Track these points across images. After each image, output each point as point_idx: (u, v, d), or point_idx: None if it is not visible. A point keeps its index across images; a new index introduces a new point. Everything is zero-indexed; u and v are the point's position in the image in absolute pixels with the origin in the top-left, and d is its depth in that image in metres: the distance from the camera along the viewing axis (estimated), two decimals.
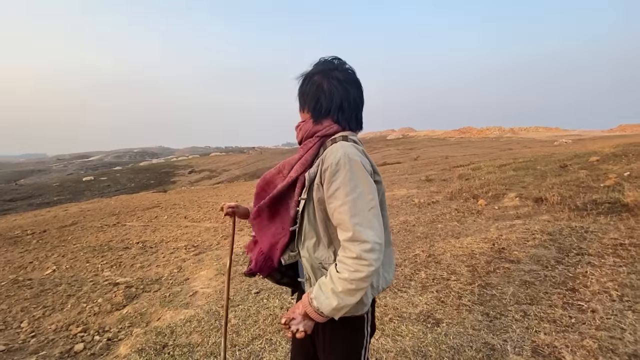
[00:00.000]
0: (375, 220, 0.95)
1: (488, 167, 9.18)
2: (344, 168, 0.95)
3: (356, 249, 0.92)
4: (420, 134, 70.13)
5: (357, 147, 1.01)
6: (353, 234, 0.93)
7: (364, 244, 0.92)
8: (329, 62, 1.10)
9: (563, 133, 48.25)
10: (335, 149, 0.99)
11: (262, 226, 1.17)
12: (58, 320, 3.25)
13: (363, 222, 0.93)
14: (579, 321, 2.10)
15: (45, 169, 63.81)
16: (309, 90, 1.09)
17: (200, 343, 2.41)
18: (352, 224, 0.93)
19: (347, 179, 0.94)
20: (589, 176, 5.75)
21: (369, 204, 0.95)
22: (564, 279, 2.65)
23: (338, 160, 0.96)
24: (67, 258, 5.47)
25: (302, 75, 1.12)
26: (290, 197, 1.11)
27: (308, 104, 1.09)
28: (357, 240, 0.93)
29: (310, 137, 1.09)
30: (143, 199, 12.77)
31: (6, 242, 7.12)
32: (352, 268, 0.93)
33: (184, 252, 5.16)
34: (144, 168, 47.38)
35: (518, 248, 3.37)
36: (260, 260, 1.16)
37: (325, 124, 1.07)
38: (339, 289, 0.94)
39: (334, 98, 1.06)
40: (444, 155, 20.76)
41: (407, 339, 2.16)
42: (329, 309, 0.95)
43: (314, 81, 1.08)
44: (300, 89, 1.12)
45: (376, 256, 0.93)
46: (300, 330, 0.99)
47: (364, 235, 0.92)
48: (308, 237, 1.06)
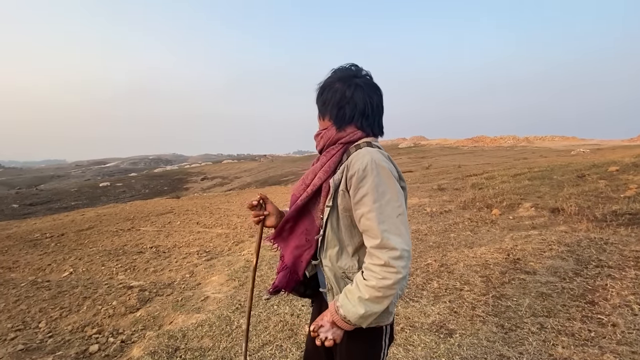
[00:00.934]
0: (402, 227, 0.94)
1: (502, 176, 9.02)
2: (371, 174, 0.93)
3: (384, 256, 0.91)
4: (432, 142, 69.54)
5: (382, 153, 1.00)
6: (381, 241, 0.91)
7: (392, 251, 0.91)
8: (347, 69, 1.08)
9: (580, 142, 47.06)
10: (362, 155, 0.97)
11: (286, 241, 1.16)
12: (74, 321, 3.32)
13: (391, 229, 0.92)
14: (599, 335, 2.03)
15: (64, 174, 65.82)
16: (331, 98, 1.07)
17: (211, 347, 2.42)
18: (380, 230, 0.91)
19: (375, 185, 0.93)
20: (609, 186, 5.59)
21: (396, 210, 0.94)
22: (582, 292, 2.57)
23: (365, 166, 0.94)
24: (83, 261, 5.60)
25: (321, 84, 1.10)
26: (314, 206, 1.09)
27: (330, 112, 1.08)
28: (386, 247, 0.91)
29: (333, 144, 1.07)
30: (157, 205, 13.01)
31: (26, 244, 7.35)
32: (379, 275, 0.91)
33: (196, 257, 5.22)
34: (158, 174, 48.36)
35: (534, 259, 3.29)
36: (285, 275, 1.14)
37: (348, 130, 1.06)
38: (365, 296, 0.93)
39: (358, 104, 1.05)
40: (456, 164, 20.50)
41: (419, 349, 2.13)
42: (355, 317, 0.94)
43: (336, 89, 1.06)
44: (321, 97, 1.10)
45: (404, 263, 0.92)
46: (329, 338, 0.97)
47: (392, 242, 0.91)
48: (331, 245, 1.04)
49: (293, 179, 28.31)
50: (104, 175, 58.62)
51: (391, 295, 0.93)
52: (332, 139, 1.07)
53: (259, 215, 1.18)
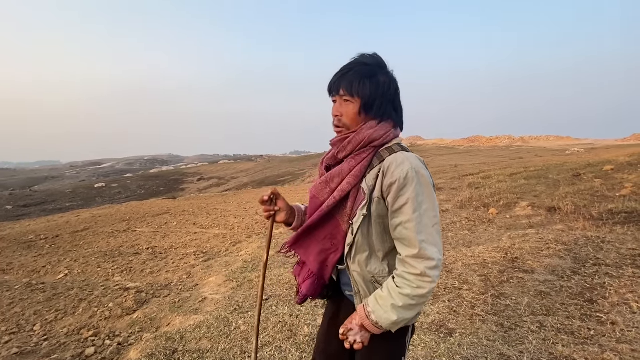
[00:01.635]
0: (437, 236, 0.94)
1: (498, 175, 9.07)
2: (412, 183, 0.91)
3: (420, 266, 0.91)
4: (428, 142, 69.83)
5: (419, 159, 0.97)
6: (419, 251, 0.91)
7: (429, 261, 0.91)
8: (379, 57, 1.03)
9: (575, 142, 47.48)
10: (400, 161, 0.94)
11: (306, 247, 1.12)
12: (70, 324, 3.28)
13: (428, 239, 0.92)
14: (599, 333, 2.03)
15: (58, 175, 65.23)
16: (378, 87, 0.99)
17: (209, 349, 2.40)
18: (418, 241, 0.91)
19: (415, 195, 0.91)
20: (604, 185, 5.63)
21: (432, 220, 0.93)
22: (581, 290, 2.58)
23: (407, 174, 0.92)
24: (79, 263, 5.54)
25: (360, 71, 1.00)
26: (340, 210, 1.05)
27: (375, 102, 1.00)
28: (423, 257, 0.91)
29: (365, 146, 1.01)
30: (153, 206, 12.92)
31: (20, 246, 7.26)
32: (414, 284, 0.92)
33: (193, 258, 5.19)
34: (154, 175, 48.06)
35: (532, 258, 3.30)
36: (312, 282, 1.11)
37: (384, 129, 1.01)
38: (399, 304, 0.93)
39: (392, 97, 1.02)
40: (453, 164, 20.59)
41: (419, 348, 2.12)
42: (387, 323, 0.94)
43: (382, 81, 1.00)
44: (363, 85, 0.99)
45: (438, 273, 0.93)
46: (357, 341, 0.98)
47: (429, 252, 0.91)
48: (360, 250, 1.02)
49: (290, 179, 28.28)
50: (99, 176, 58.17)
51: (423, 303, 0.95)
52: (365, 142, 1.00)
53: (269, 210, 1.13)
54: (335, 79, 1.03)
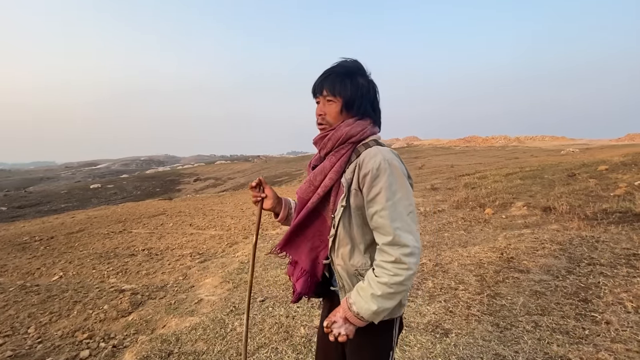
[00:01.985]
0: (413, 224, 0.97)
1: (494, 175, 9.12)
2: (384, 173, 0.96)
3: (396, 253, 0.94)
4: (425, 142, 70.04)
5: (393, 152, 1.02)
6: (393, 238, 0.94)
7: (404, 247, 0.93)
8: (358, 63, 1.10)
9: (570, 142, 47.84)
10: (374, 154, 0.99)
11: (297, 246, 1.16)
12: (64, 326, 3.25)
13: (403, 227, 0.94)
14: (593, 333, 2.05)
15: (54, 176, 64.72)
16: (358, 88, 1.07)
17: (205, 351, 2.39)
18: (392, 228, 0.94)
19: (388, 184, 0.95)
20: (598, 185, 5.68)
21: (407, 208, 0.97)
22: (575, 290, 2.59)
23: (379, 165, 0.96)
24: (73, 264, 5.49)
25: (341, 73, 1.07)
26: (325, 206, 1.10)
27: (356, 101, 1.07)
28: (397, 244, 0.94)
29: (343, 144, 1.07)
30: (149, 207, 12.85)
31: (14, 248, 7.19)
32: (391, 272, 0.94)
33: (189, 259, 5.16)
34: (150, 176, 47.82)
35: (527, 257, 3.32)
36: (305, 280, 1.14)
37: (361, 126, 1.07)
38: (378, 293, 0.94)
39: (375, 98, 1.11)
40: (449, 164, 20.66)
41: (415, 349, 2.13)
42: (368, 314, 0.96)
43: (362, 82, 1.08)
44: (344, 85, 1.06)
45: (415, 260, 0.94)
46: (342, 334, 0.99)
47: (403, 239, 0.94)
48: (343, 244, 1.05)
49: (287, 179, 28.25)
50: (95, 177, 57.78)
51: (403, 291, 0.96)
52: (342, 138, 1.06)
53: (257, 196, 1.21)
54: (319, 81, 1.10)
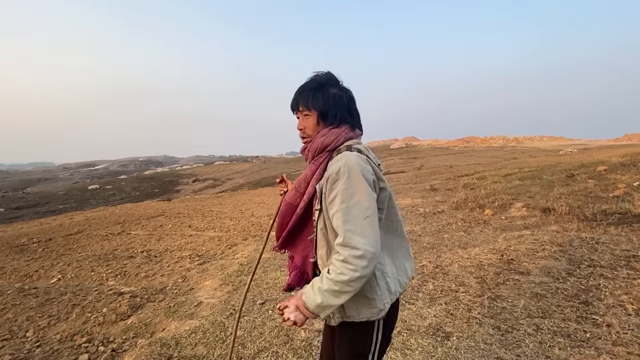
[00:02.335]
0: (369, 229, 0.97)
1: (493, 176, 9.13)
2: (342, 177, 1.00)
3: (345, 253, 0.97)
4: (423, 143, 70.14)
5: (359, 156, 1.05)
6: (344, 240, 0.98)
7: (354, 250, 0.96)
8: (330, 74, 1.18)
9: (568, 142, 47.99)
10: (338, 159, 1.05)
11: (293, 245, 1.26)
12: (63, 330, 3.23)
13: (356, 230, 0.97)
14: (595, 336, 2.04)
15: (52, 177, 64.48)
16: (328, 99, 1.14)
17: (205, 355, 2.37)
18: (344, 230, 0.98)
19: (345, 188, 0.99)
20: (597, 186, 5.68)
21: (364, 212, 0.98)
22: (576, 292, 2.59)
23: (338, 170, 1.01)
24: (72, 267, 5.46)
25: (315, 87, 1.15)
26: (311, 210, 1.17)
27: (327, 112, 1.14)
28: (347, 245, 0.97)
29: (321, 152, 1.14)
30: (147, 208, 12.81)
31: (12, 250, 7.15)
32: (338, 270, 0.97)
33: (188, 261, 5.14)
34: (148, 177, 47.70)
35: (527, 259, 3.32)
36: (296, 274, 1.23)
37: (338, 131, 1.13)
38: (324, 287, 0.99)
39: (350, 105, 1.17)
40: (448, 165, 20.70)
41: (416, 352, 2.12)
42: (313, 305, 1.00)
43: (332, 92, 1.15)
44: (315, 99, 1.14)
45: (364, 263, 0.95)
46: (290, 319, 1.04)
47: (353, 241, 0.96)
48: (320, 245, 1.12)
49: None
50: (93, 178, 57.60)
51: (348, 292, 0.97)
52: (319, 148, 1.13)
53: (282, 188, 1.46)
54: (294, 98, 1.18)
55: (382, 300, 1.05)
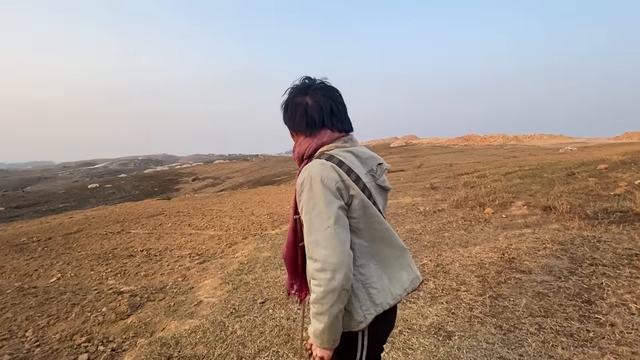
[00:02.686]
0: (331, 239, 0.92)
1: (493, 174, 9.11)
2: (305, 188, 0.98)
3: (310, 268, 0.96)
4: (423, 141, 70.08)
5: (324, 165, 0.99)
6: (307, 252, 0.96)
7: (315, 262, 0.93)
8: (302, 83, 1.13)
9: (568, 140, 47.98)
10: (304, 169, 1.02)
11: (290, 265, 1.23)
12: (62, 329, 3.21)
13: (318, 241, 0.93)
14: (598, 335, 2.03)
15: (51, 176, 64.44)
16: (296, 111, 1.10)
17: (205, 355, 2.36)
18: (307, 242, 0.96)
19: (307, 199, 0.97)
20: (598, 184, 5.67)
21: (325, 223, 0.94)
22: (578, 291, 2.58)
23: (302, 181, 0.99)
24: (71, 266, 5.45)
25: (283, 104, 1.14)
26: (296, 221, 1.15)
27: (299, 124, 1.11)
28: (311, 258, 0.95)
29: (301, 161, 1.12)
30: (147, 207, 12.79)
31: (12, 249, 7.13)
32: (311, 289, 0.95)
33: (188, 260, 5.13)
34: (148, 175, 47.65)
35: (529, 258, 3.30)
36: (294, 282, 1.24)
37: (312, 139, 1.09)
38: (311, 312, 0.97)
39: (324, 107, 1.08)
40: (448, 163, 20.69)
41: (418, 352, 2.10)
42: (311, 336, 0.99)
43: (297, 102, 1.10)
44: (287, 115, 1.13)
45: (328, 276, 0.91)
46: (318, 355, 1.01)
47: (315, 254, 0.94)
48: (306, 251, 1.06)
49: (286, 178, 28.20)
50: (93, 177, 57.54)
51: (324, 312, 0.93)
52: (298, 157, 1.13)
53: None
54: None
55: (361, 312, 1.01)
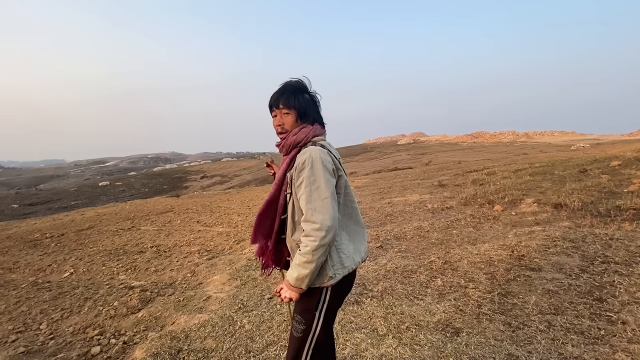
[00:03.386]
0: (327, 207, 1.20)
1: (503, 172, 8.99)
2: (307, 166, 1.23)
3: (307, 227, 1.21)
4: (431, 139, 69.43)
5: (322, 150, 1.28)
6: (306, 216, 1.21)
7: (314, 224, 1.19)
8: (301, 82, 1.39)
9: (580, 137, 47.02)
10: (304, 151, 1.29)
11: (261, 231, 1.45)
12: (75, 322, 3.29)
13: (316, 208, 1.20)
14: (609, 333, 2.00)
15: (63, 174, 65.68)
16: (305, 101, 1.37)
17: (214, 348, 2.39)
18: (306, 208, 1.21)
19: (308, 175, 1.22)
20: (611, 181, 5.56)
21: (322, 194, 1.21)
22: (589, 288, 2.54)
23: (304, 160, 1.25)
24: (84, 261, 5.57)
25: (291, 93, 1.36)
26: (280, 194, 1.39)
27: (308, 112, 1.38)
28: (309, 221, 1.20)
29: (294, 147, 1.35)
30: (157, 204, 12.96)
31: (26, 245, 7.32)
32: (303, 244, 1.20)
33: (197, 256, 5.19)
34: (157, 173, 48.23)
35: (539, 255, 3.26)
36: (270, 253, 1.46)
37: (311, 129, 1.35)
38: (296, 262, 1.22)
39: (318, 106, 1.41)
40: (456, 160, 20.48)
41: (425, 348, 2.10)
42: (292, 280, 1.24)
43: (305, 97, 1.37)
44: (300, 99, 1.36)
45: (322, 234, 1.17)
46: (286, 296, 1.26)
47: (313, 217, 1.19)
48: (289, 223, 1.35)
49: None
50: (103, 175, 58.48)
51: (313, 261, 1.19)
52: (292, 144, 1.35)
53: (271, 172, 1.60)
54: (275, 97, 1.38)
55: (332, 270, 1.27)
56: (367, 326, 2.41)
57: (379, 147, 55.82)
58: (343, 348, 2.18)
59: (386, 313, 2.55)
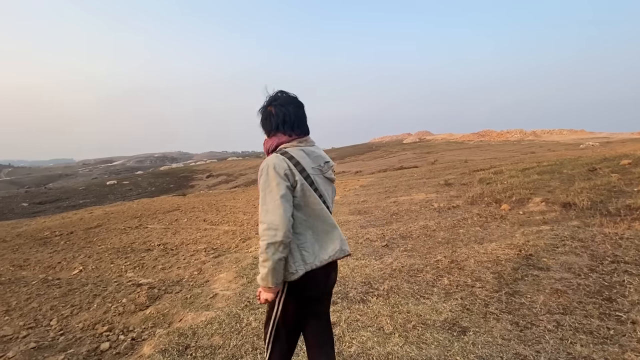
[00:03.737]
0: (277, 209, 1.29)
1: (510, 170, 8.89)
2: (263, 172, 1.36)
3: (259, 228, 1.31)
4: (437, 137, 68.96)
5: (278, 157, 1.38)
6: (259, 217, 1.33)
7: (262, 224, 1.30)
8: (274, 95, 1.50)
9: (589, 135, 46.31)
10: (264, 161, 1.40)
11: None
12: (85, 319, 3.34)
13: (268, 210, 1.30)
14: (618, 333, 1.97)
15: (72, 173, 66.59)
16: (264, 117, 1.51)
17: (221, 345, 2.41)
18: (260, 210, 1.33)
19: (263, 180, 1.35)
20: (621, 180, 5.47)
21: (274, 197, 1.31)
22: (599, 288, 2.51)
23: (261, 169, 1.37)
24: (92, 259, 5.65)
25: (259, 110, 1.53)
26: None
27: (265, 126, 1.52)
28: (262, 222, 1.31)
29: (269, 153, 1.49)
30: (163, 203, 13.09)
31: (36, 242, 7.44)
32: (260, 244, 1.30)
33: (203, 254, 5.23)
34: (164, 172, 48.65)
35: (547, 255, 3.23)
36: None
37: (274, 139, 1.48)
38: (259, 262, 1.34)
39: (278, 116, 1.46)
40: (462, 159, 20.31)
41: (432, 347, 2.10)
42: (258, 279, 1.35)
43: (267, 112, 1.50)
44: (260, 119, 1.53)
45: (271, 233, 1.26)
46: (263, 297, 1.37)
47: (264, 218, 1.30)
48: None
49: None
50: (111, 174, 59.16)
51: (269, 259, 1.27)
52: (267, 150, 1.51)
53: None
54: None
55: (294, 266, 1.36)
56: (373, 325, 2.41)
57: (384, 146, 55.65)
58: (349, 346, 2.18)
59: (392, 312, 2.54)
